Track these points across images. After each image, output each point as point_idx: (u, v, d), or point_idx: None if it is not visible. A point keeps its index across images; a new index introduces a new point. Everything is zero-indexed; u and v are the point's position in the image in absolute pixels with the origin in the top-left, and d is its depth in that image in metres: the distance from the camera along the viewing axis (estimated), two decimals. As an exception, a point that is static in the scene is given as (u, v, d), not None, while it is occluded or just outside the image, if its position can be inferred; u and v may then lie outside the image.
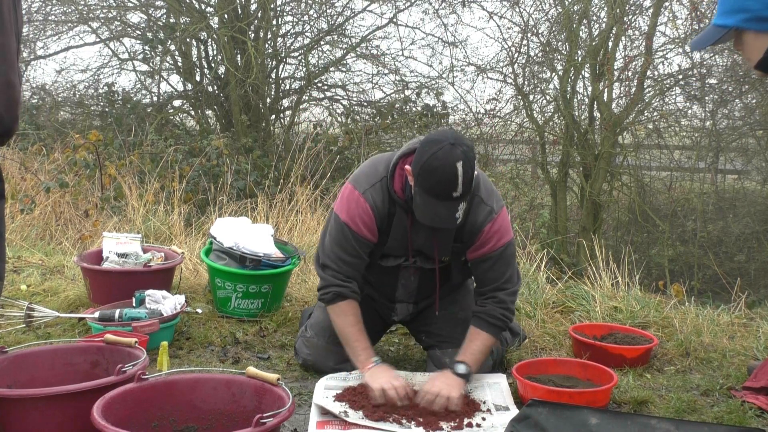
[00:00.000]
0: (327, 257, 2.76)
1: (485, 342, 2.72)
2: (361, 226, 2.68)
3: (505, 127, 8.31)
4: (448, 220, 2.48)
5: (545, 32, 7.72)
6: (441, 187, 2.41)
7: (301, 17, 9.03)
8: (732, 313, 3.88)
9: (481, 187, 2.68)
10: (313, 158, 6.98)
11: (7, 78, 1.81)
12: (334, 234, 2.73)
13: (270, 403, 2.17)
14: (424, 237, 2.70)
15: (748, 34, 2.31)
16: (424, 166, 2.43)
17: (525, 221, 7.94)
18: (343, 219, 2.69)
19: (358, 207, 2.67)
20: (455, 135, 2.48)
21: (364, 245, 2.71)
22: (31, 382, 2.38)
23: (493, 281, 2.73)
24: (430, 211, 2.47)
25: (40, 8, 8.99)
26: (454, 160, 2.39)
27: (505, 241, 2.69)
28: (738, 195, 7.56)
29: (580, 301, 3.90)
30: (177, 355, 3.10)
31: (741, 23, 2.30)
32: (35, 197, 6.22)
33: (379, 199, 2.67)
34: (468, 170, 2.41)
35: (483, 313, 2.73)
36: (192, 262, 4.51)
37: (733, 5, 2.32)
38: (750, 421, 2.59)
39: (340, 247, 2.71)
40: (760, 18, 2.26)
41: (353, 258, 2.72)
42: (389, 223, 2.71)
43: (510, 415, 2.45)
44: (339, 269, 2.73)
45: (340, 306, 2.73)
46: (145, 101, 9.21)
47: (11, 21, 1.85)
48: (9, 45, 1.83)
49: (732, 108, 7.21)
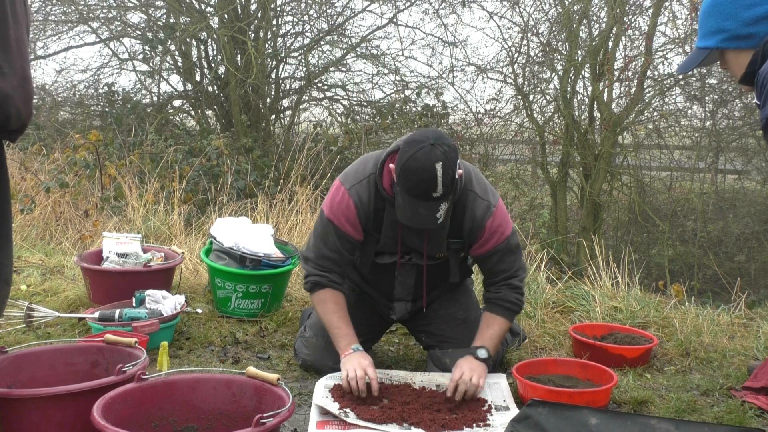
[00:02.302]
0: (309, 251, 2.82)
1: (502, 327, 2.77)
2: (343, 222, 2.71)
3: (505, 127, 8.30)
4: (429, 221, 2.50)
5: (545, 32, 7.72)
6: (421, 187, 2.43)
7: (301, 17, 9.04)
8: (732, 313, 3.88)
9: (473, 183, 2.70)
10: (313, 158, 6.98)
11: (25, 72, 1.80)
12: (319, 229, 2.79)
13: (270, 403, 2.17)
14: (416, 233, 2.72)
15: (729, 53, 2.45)
16: (404, 166, 2.45)
17: (525, 221, 7.94)
18: (326, 215, 2.75)
19: (342, 203, 2.71)
20: (437, 135, 2.49)
21: (347, 242, 2.74)
22: (31, 382, 2.38)
23: (504, 272, 2.78)
24: (411, 212, 2.49)
25: (40, 8, 8.98)
26: (434, 161, 2.41)
27: (508, 233, 2.73)
28: (738, 195, 7.55)
29: (580, 301, 3.90)
30: (177, 355, 3.10)
31: (720, 43, 2.45)
32: (35, 197, 6.22)
33: (364, 196, 2.69)
34: (448, 170, 2.43)
35: (499, 299, 2.77)
36: (192, 262, 4.51)
37: (711, 27, 2.46)
38: (750, 421, 2.59)
39: (322, 241, 2.77)
40: (738, 36, 2.40)
41: (333, 253, 2.76)
42: (378, 220, 2.73)
43: (510, 415, 2.45)
44: (318, 262, 2.78)
45: (319, 294, 2.78)
46: (145, 101, 9.21)
47: (22, 14, 1.84)
48: (23, 39, 1.83)
49: (732, 108, 7.20)
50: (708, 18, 2.48)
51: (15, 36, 1.79)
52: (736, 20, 2.40)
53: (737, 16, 2.40)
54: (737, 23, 2.39)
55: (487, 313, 2.79)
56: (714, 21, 2.46)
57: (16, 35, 1.80)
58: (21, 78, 1.79)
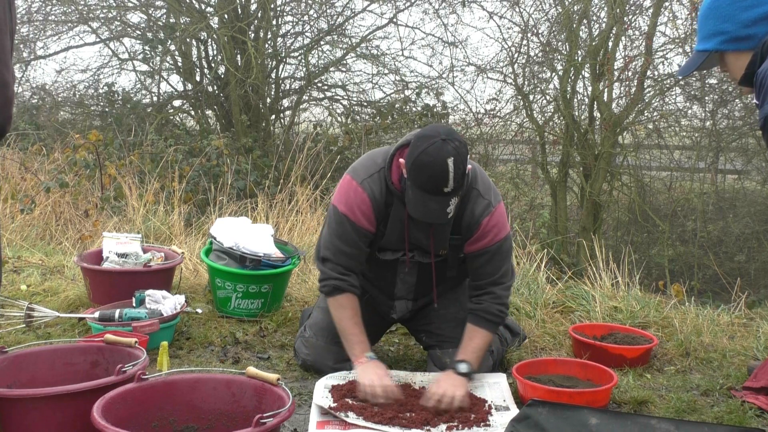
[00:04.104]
0: (327, 249, 2.77)
1: (484, 339, 2.74)
2: (359, 216, 2.69)
3: (505, 127, 8.30)
4: (440, 215, 2.50)
5: (545, 32, 7.71)
6: (432, 182, 2.44)
7: (301, 17, 9.04)
8: (732, 313, 3.88)
9: (478, 181, 2.71)
10: (313, 158, 6.98)
11: (2, 77, 1.81)
12: (334, 226, 2.74)
13: (270, 403, 2.17)
14: (422, 229, 2.72)
15: (728, 55, 2.47)
16: (416, 161, 2.46)
17: (525, 221, 7.94)
18: (341, 210, 2.71)
19: (356, 197, 2.69)
20: (447, 130, 2.50)
21: (363, 236, 2.72)
22: (31, 382, 2.38)
23: (490, 275, 2.75)
24: (422, 206, 2.50)
25: (40, 8, 8.99)
26: (446, 156, 2.42)
27: (502, 235, 2.72)
28: (738, 195, 7.55)
29: (580, 301, 3.90)
30: (177, 355, 3.10)
31: (719, 46, 2.46)
32: (35, 197, 6.22)
33: (377, 189, 2.68)
34: (459, 166, 2.44)
35: (480, 311, 2.74)
36: (192, 262, 4.51)
37: (710, 30, 2.48)
38: (750, 421, 2.59)
39: (340, 238, 2.73)
40: (737, 38, 2.41)
41: (353, 249, 2.73)
42: (386, 215, 2.73)
43: (510, 415, 2.45)
44: (338, 261, 2.74)
45: (338, 299, 2.75)
46: (145, 101, 9.21)
47: (6, 20, 1.85)
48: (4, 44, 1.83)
49: (732, 108, 7.20)
50: (706, 21, 2.49)
51: None
52: (734, 22, 2.41)
53: (735, 18, 2.41)
54: (736, 25, 2.41)
55: (469, 325, 2.76)
56: (712, 23, 2.47)
57: None
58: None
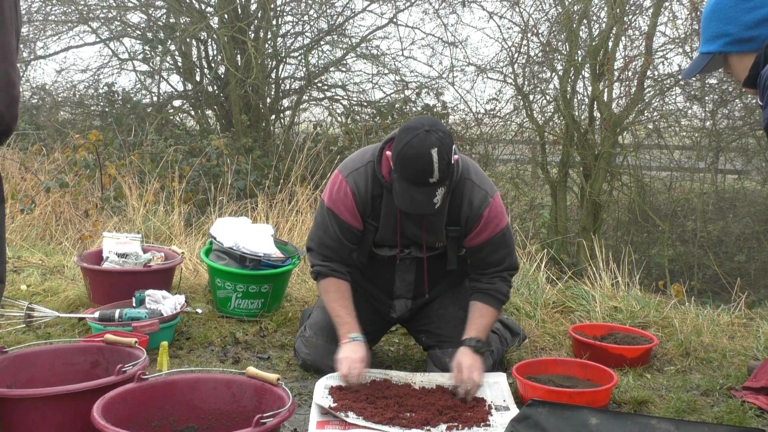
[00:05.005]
0: (311, 241, 2.87)
1: (494, 317, 2.82)
2: (342, 210, 2.75)
3: (505, 127, 8.30)
4: (426, 206, 2.54)
5: (545, 32, 7.72)
6: (417, 173, 2.48)
7: (301, 17, 9.04)
8: (732, 313, 3.88)
9: (471, 172, 2.75)
10: (313, 158, 6.98)
11: (9, 77, 1.83)
12: (319, 219, 2.83)
13: (270, 403, 2.17)
14: (414, 222, 2.75)
15: (732, 57, 2.47)
16: (400, 153, 2.51)
17: (525, 221, 7.94)
18: (326, 204, 2.79)
19: (340, 191, 2.75)
20: (431, 121, 2.54)
21: (347, 230, 2.77)
22: (31, 382, 2.38)
23: (497, 264, 2.81)
24: (408, 197, 2.54)
25: (40, 8, 9.00)
26: (429, 147, 2.46)
27: (503, 225, 2.78)
28: (738, 195, 7.55)
29: (580, 301, 3.90)
30: (177, 355, 3.10)
31: (723, 47, 2.47)
32: (35, 197, 6.22)
33: (361, 183, 2.73)
34: (444, 156, 2.48)
35: (493, 290, 2.80)
36: (192, 262, 4.51)
37: (713, 32, 2.48)
38: (750, 421, 2.59)
39: (323, 230, 2.81)
40: (740, 40, 2.42)
41: (334, 242, 2.79)
42: (377, 208, 2.76)
43: (510, 415, 2.45)
44: (320, 252, 2.82)
45: (322, 284, 2.84)
46: (145, 101, 9.21)
47: (12, 19, 1.87)
48: (10, 43, 1.85)
49: (732, 108, 7.20)
50: (709, 23, 2.50)
51: (2, 40, 1.82)
52: (737, 24, 2.41)
53: (738, 19, 2.41)
54: (738, 27, 2.41)
55: (479, 303, 2.80)
56: (715, 26, 2.47)
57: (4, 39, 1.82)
58: (4, 82, 1.83)
